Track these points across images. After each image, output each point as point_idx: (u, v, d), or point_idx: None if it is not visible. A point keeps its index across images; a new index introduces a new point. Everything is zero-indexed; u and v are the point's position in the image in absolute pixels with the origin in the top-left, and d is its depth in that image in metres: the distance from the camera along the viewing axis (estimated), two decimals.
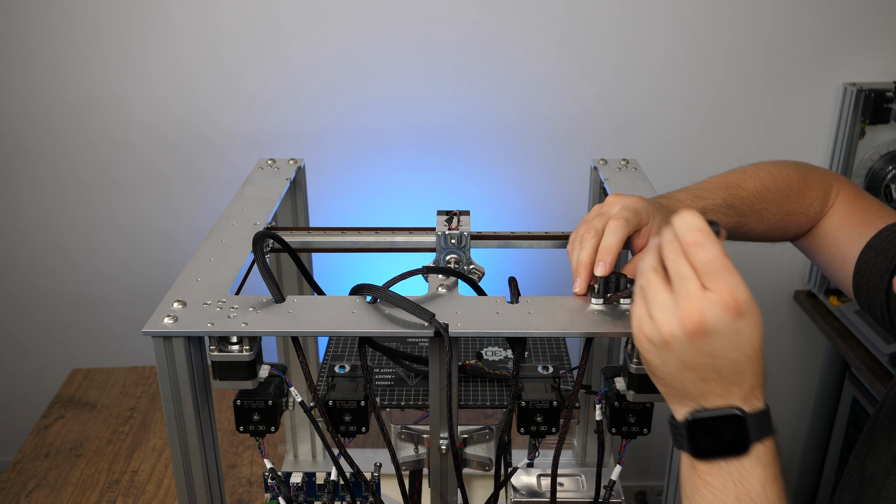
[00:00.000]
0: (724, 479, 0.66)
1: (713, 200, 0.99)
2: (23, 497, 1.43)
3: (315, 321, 0.82)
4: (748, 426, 0.65)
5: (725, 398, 0.66)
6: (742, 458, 0.66)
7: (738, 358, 0.65)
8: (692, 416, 0.67)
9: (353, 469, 0.91)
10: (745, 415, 0.66)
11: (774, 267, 2.06)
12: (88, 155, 1.91)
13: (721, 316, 0.64)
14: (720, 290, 0.64)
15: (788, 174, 1.05)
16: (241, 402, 0.87)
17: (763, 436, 0.66)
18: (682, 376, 0.67)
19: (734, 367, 0.65)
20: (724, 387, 0.66)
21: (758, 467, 0.66)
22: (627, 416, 0.90)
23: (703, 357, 0.65)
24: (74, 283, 2.05)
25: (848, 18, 1.81)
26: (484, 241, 1.04)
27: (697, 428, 0.67)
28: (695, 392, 0.67)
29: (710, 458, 0.67)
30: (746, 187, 1.02)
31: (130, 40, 1.80)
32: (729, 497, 0.65)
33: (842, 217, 1.06)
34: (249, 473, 1.48)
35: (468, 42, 1.81)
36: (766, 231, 1.05)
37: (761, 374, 0.67)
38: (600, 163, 1.27)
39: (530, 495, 1.08)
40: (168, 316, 0.81)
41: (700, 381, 0.66)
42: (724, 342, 0.64)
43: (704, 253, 0.65)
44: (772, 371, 2.26)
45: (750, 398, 0.67)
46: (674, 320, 0.65)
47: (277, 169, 1.24)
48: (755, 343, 0.65)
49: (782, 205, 1.03)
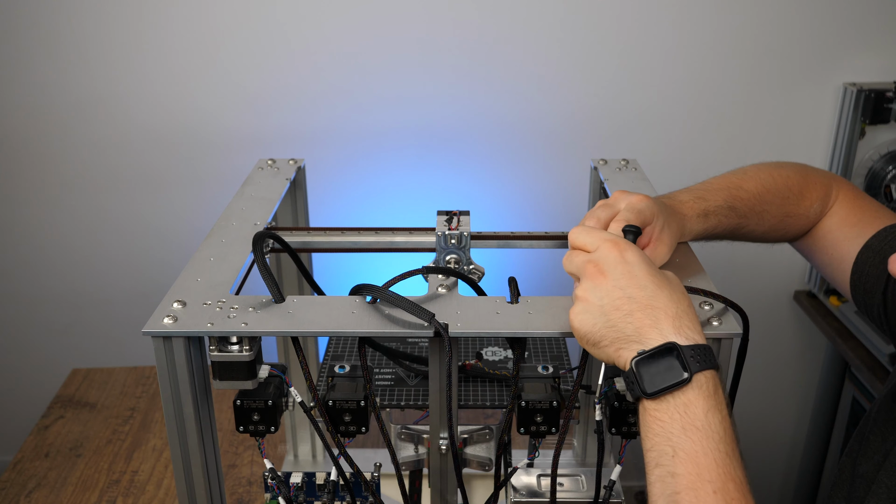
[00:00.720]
0: (671, 412, 0.70)
1: (714, 202, 0.99)
2: (23, 497, 1.43)
3: (315, 321, 0.82)
4: (684, 356, 0.70)
5: (660, 332, 0.72)
6: (685, 389, 0.70)
7: (643, 283, 0.74)
8: (636, 358, 0.72)
9: (352, 469, 0.91)
10: (680, 346, 0.71)
11: (774, 267, 2.06)
12: (88, 155, 1.91)
13: (606, 254, 0.77)
14: (599, 242, 0.78)
15: (789, 176, 1.05)
16: (241, 403, 0.87)
17: (703, 367, 0.71)
18: (609, 320, 0.74)
19: (645, 292, 0.74)
20: (650, 315, 0.73)
21: (700, 397, 0.70)
22: (627, 415, 0.90)
23: (614, 291, 0.75)
24: (74, 283, 2.05)
25: (848, 18, 1.81)
26: (484, 242, 1.04)
27: (642, 366, 0.72)
28: (630, 330, 0.74)
29: (659, 395, 0.71)
30: (747, 189, 1.02)
31: (130, 40, 1.80)
32: (675, 427, 0.70)
33: (840, 218, 1.06)
34: (249, 473, 1.48)
35: (468, 42, 1.81)
36: (766, 232, 1.05)
37: (685, 303, 0.75)
38: (600, 163, 1.27)
39: (530, 495, 1.08)
40: (168, 316, 0.81)
41: (626, 316, 0.74)
42: (622, 273, 0.75)
43: (575, 233, 0.81)
44: (772, 371, 2.26)
45: (683, 330, 0.72)
46: (582, 281, 0.77)
47: (277, 169, 1.24)
48: (650, 271, 0.75)
49: (783, 206, 1.04)
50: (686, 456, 0.68)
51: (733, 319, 0.83)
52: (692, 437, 0.68)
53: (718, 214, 0.99)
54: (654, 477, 0.69)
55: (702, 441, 0.68)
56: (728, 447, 0.68)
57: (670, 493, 0.67)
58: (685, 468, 0.68)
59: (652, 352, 0.72)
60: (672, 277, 0.78)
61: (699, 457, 0.68)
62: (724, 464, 0.67)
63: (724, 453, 0.68)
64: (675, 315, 0.73)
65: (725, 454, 0.68)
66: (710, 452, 0.68)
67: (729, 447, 0.69)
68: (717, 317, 0.82)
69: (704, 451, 0.68)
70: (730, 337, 0.81)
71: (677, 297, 0.75)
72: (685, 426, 0.69)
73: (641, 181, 1.18)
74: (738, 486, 0.67)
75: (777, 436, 2.28)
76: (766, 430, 2.26)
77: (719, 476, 0.67)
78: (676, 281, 0.77)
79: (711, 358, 0.72)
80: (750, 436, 2.22)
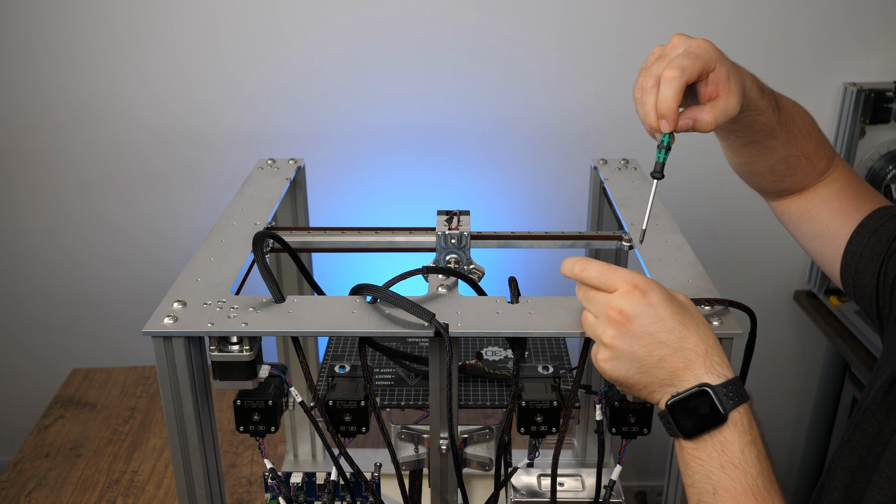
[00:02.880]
0: (709, 451, 0.72)
1: (767, 89, 0.93)
2: (23, 497, 1.43)
3: (315, 321, 0.82)
4: (719, 396, 0.71)
5: (693, 374, 0.73)
6: (722, 429, 0.72)
7: (671, 326, 0.73)
8: (670, 401, 0.73)
9: (353, 469, 0.91)
10: (713, 387, 0.72)
11: (774, 267, 2.06)
12: (88, 155, 1.91)
13: (630, 300, 0.74)
14: (618, 284, 0.75)
15: (812, 120, 1.02)
16: (241, 403, 0.87)
17: (736, 403, 0.72)
18: (642, 366, 0.74)
19: (673, 335, 0.73)
20: (682, 359, 0.73)
21: (735, 434, 0.72)
22: (627, 415, 0.90)
23: (644, 338, 0.74)
24: (74, 283, 2.05)
25: (848, 18, 1.81)
26: (484, 241, 1.04)
27: (677, 409, 0.73)
28: (663, 374, 0.74)
29: (695, 435, 0.72)
30: (786, 104, 0.97)
31: (130, 40, 1.80)
32: (714, 466, 0.71)
33: (840, 187, 1.04)
34: (249, 473, 1.48)
35: (468, 42, 1.81)
36: (781, 161, 1.00)
37: (711, 339, 0.74)
38: (600, 162, 1.27)
39: (530, 495, 1.08)
40: (168, 316, 0.81)
41: (658, 361, 0.73)
42: (649, 317, 0.73)
43: (591, 271, 0.77)
44: (772, 370, 2.26)
45: (714, 368, 0.73)
46: (606, 327, 0.75)
47: (277, 169, 1.24)
48: (675, 311, 0.74)
49: (805, 142, 1.00)
50: (727, 494, 0.70)
51: (734, 319, 0.83)
52: (731, 475, 0.71)
53: (769, 101, 0.92)
54: None
55: (740, 478, 0.70)
56: (765, 480, 0.71)
57: None
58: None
59: (686, 395, 0.73)
60: (693, 310, 0.77)
61: (739, 494, 0.70)
62: (762, 498, 0.70)
63: (762, 487, 0.70)
64: (706, 354, 0.73)
65: (763, 488, 0.70)
66: (749, 489, 0.70)
67: (767, 480, 0.71)
68: (717, 316, 0.82)
69: (744, 489, 0.70)
70: (730, 337, 0.81)
71: (703, 334, 0.74)
72: (723, 464, 0.71)
73: (641, 181, 1.18)
74: None
75: (777, 436, 2.28)
76: (767, 430, 2.24)
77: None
78: (697, 312, 0.77)
79: (742, 390, 0.73)
80: None
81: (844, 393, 2.00)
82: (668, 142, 0.82)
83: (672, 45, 0.83)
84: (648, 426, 0.91)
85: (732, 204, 1.97)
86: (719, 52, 0.82)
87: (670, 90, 0.79)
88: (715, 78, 0.81)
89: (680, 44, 0.82)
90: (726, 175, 1.94)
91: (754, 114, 0.91)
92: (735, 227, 2.01)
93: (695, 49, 0.80)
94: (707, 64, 0.80)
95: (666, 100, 0.79)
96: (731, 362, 0.83)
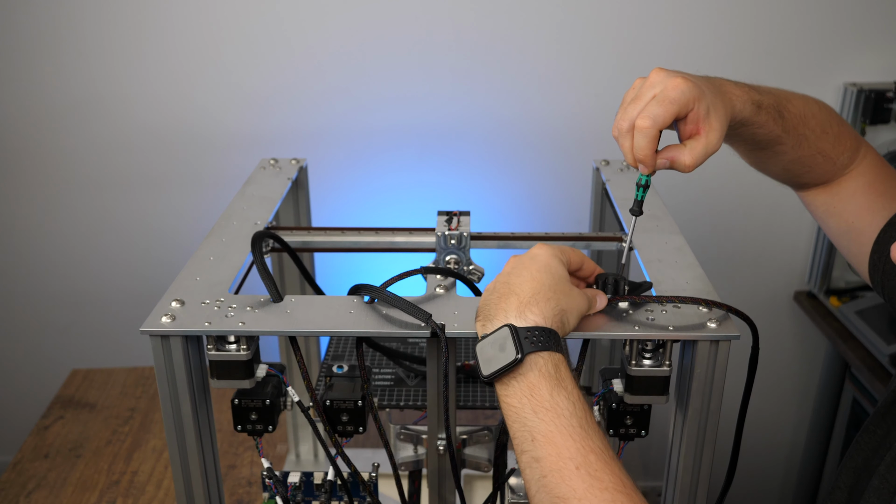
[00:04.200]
0: (519, 397, 0.72)
1: (767, 101, 0.89)
2: (23, 497, 1.43)
3: (312, 321, 0.82)
4: (519, 337, 0.72)
5: (505, 316, 0.75)
6: (526, 373, 0.72)
7: (522, 274, 0.77)
8: (480, 341, 0.75)
9: (350, 469, 0.91)
10: (516, 328, 0.73)
11: (774, 267, 2.06)
12: (89, 155, 1.91)
13: (519, 255, 0.80)
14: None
15: (830, 113, 0.98)
16: (239, 402, 0.87)
17: (539, 349, 0.72)
18: (489, 298, 0.78)
19: (518, 279, 0.77)
20: (507, 300, 0.76)
21: (541, 378, 0.72)
22: (625, 417, 0.90)
23: (503, 277, 0.78)
24: (74, 283, 2.05)
25: (848, 18, 1.81)
26: (484, 242, 1.05)
27: (482, 348, 0.75)
28: (492, 311, 0.77)
29: (495, 377, 0.73)
30: (795, 105, 0.93)
31: (130, 40, 1.80)
32: (527, 411, 0.71)
33: (867, 182, 1.00)
34: (249, 474, 1.48)
35: (468, 42, 1.81)
36: (793, 162, 0.97)
37: (542, 297, 0.75)
38: (602, 164, 1.27)
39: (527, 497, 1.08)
40: (166, 315, 0.81)
41: (497, 298, 0.77)
42: (518, 263, 0.79)
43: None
44: (772, 371, 2.25)
45: (525, 314, 0.74)
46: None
47: (280, 168, 1.24)
48: (534, 268, 0.77)
49: (818, 141, 0.96)
50: (543, 438, 0.70)
51: (732, 322, 0.83)
52: (544, 419, 0.70)
53: (769, 113, 0.89)
54: (523, 463, 0.71)
55: (553, 421, 0.70)
56: (580, 420, 0.70)
57: (538, 477, 0.69)
58: (545, 451, 0.69)
59: (491, 332, 0.74)
60: (557, 273, 0.79)
61: (555, 436, 0.69)
62: (580, 438, 0.69)
63: (578, 427, 0.69)
64: (528, 300, 0.75)
65: (580, 427, 0.69)
66: (563, 430, 0.69)
67: (581, 420, 0.70)
68: (715, 320, 0.82)
69: (559, 430, 0.69)
70: (727, 339, 0.81)
71: (536, 287, 0.76)
72: (535, 408, 0.71)
73: None
74: (600, 456, 0.68)
75: (777, 436, 2.28)
76: (766, 431, 2.26)
77: (578, 451, 0.68)
78: (560, 277, 0.78)
79: (552, 341, 0.73)
80: (750, 436, 2.21)
81: (844, 393, 2.00)
82: (647, 181, 0.83)
83: (649, 83, 0.81)
84: (646, 428, 0.91)
85: (732, 204, 1.97)
86: (698, 89, 0.79)
87: (643, 140, 0.79)
88: (694, 117, 0.80)
89: (657, 83, 0.80)
90: (726, 175, 1.95)
91: (752, 128, 0.90)
92: (735, 228, 2.01)
93: (670, 93, 0.78)
94: (683, 107, 0.78)
95: (640, 148, 0.80)
96: (731, 367, 0.83)
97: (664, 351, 0.84)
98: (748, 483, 2.34)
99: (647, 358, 0.85)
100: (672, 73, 0.81)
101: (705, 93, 0.80)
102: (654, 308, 0.85)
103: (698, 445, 0.86)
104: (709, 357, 0.82)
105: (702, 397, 0.84)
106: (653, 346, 0.84)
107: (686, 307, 0.85)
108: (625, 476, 0.68)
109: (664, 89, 0.79)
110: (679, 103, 0.78)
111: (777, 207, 1.96)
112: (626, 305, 0.85)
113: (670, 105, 0.78)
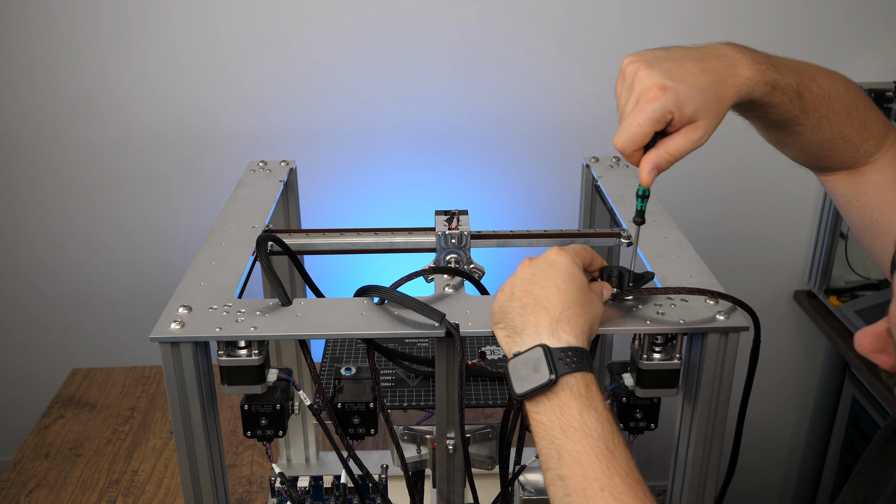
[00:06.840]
0: (549, 415, 0.72)
1: (786, 80, 0.84)
2: (23, 497, 1.43)
3: (324, 324, 0.82)
4: (553, 359, 0.72)
5: (537, 334, 0.75)
6: (558, 392, 0.72)
7: (548, 285, 0.77)
8: (512, 356, 0.75)
9: (361, 471, 0.90)
10: (550, 348, 0.73)
11: (774, 267, 2.06)
12: (88, 155, 1.90)
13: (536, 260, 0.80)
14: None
15: (859, 95, 0.91)
16: (249, 407, 0.87)
17: (572, 370, 0.72)
18: (510, 306, 0.78)
19: (545, 292, 0.77)
20: (536, 314, 0.76)
21: (572, 398, 0.72)
22: (635, 411, 0.90)
23: (523, 283, 0.78)
24: (74, 283, 2.04)
25: (848, 18, 1.81)
26: (483, 241, 1.04)
27: (514, 366, 0.75)
28: (519, 323, 0.77)
29: (527, 396, 0.73)
30: (819, 84, 0.88)
31: (130, 40, 1.79)
32: (555, 429, 0.71)
33: (894, 175, 0.92)
34: (249, 473, 1.48)
35: (468, 42, 1.80)
36: (812, 144, 0.91)
37: (572, 313, 0.76)
38: (591, 160, 1.27)
39: (538, 493, 1.09)
40: (175, 321, 0.80)
41: (521, 308, 0.77)
42: (539, 271, 0.78)
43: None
44: (772, 370, 2.25)
45: (558, 333, 0.74)
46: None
47: (270, 171, 1.23)
48: (559, 279, 0.77)
49: (842, 124, 0.90)
50: (570, 458, 0.70)
51: (741, 314, 0.83)
52: (572, 438, 0.70)
53: (785, 93, 0.84)
54: (548, 480, 0.71)
55: (581, 441, 0.70)
56: (608, 442, 0.70)
57: (563, 495, 0.70)
58: (571, 470, 0.69)
59: (524, 351, 0.74)
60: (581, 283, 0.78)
61: (581, 457, 0.70)
62: (606, 459, 0.69)
63: (604, 449, 0.70)
64: (558, 317, 0.75)
65: (606, 450, 0.70)
66: (590, 451, 0.70)
67: (609, 442, 0.70)
68: (723, 313, 0.83)
69: (585, 451, 0.70)
70: (737, 331, 0.82)
71: (565, 301, 0.76)
72: (564, 428, 0.71)
73: (635, 178, 1.18)
74: (625, 479, 0.68)
75: (777, 436, 2.28)
76: (766, 430, 2.26)
77: (604, 473, 0.68)
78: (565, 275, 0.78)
79: (584, 361, 0.73)
80: (750, 436, 2.22)
81: (844, 393, 2.00)
82: (644, 192, 0.83)
83: (627, 87, 0.82)
84: (656, 421, 0.92)
85: (732, 204, 1.97)
86: (675, 97, 0.77)
87: (631, 159, 0.80)
88: (678, 121, 0.78)
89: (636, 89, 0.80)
90: (726, 175, 1.95)
91: (765, 108, 0.86)
92: (735, 227, 2.01)
93: (643, 111, 0.77)
94: (660, 121, 0.77)
95: (633, 163, 0.80)
96: (735, 361, 0.83)
97: (674, 344, 0.85)
98: (748, 482, 2.35)
99: (657, 352, 0.86)
100: (651, 75, 0.79)
101: (691, 95, 0.78)
102: (663, 302, 0.86)
103: (707, 437, 0.87)
104: (718, 349, 0.83)
105: (711, 389, 0.84)
106: (663, 340, 0.85)
107: (693, 301, 0.85)
108: (649, 500, 0.68)
109: (639, 103, 0.78)
110: (653, 119, 0.77)
111: (777, 207, 1.97)
112: (634, 300, 0.86)
113: (645, 124, 0.77)
